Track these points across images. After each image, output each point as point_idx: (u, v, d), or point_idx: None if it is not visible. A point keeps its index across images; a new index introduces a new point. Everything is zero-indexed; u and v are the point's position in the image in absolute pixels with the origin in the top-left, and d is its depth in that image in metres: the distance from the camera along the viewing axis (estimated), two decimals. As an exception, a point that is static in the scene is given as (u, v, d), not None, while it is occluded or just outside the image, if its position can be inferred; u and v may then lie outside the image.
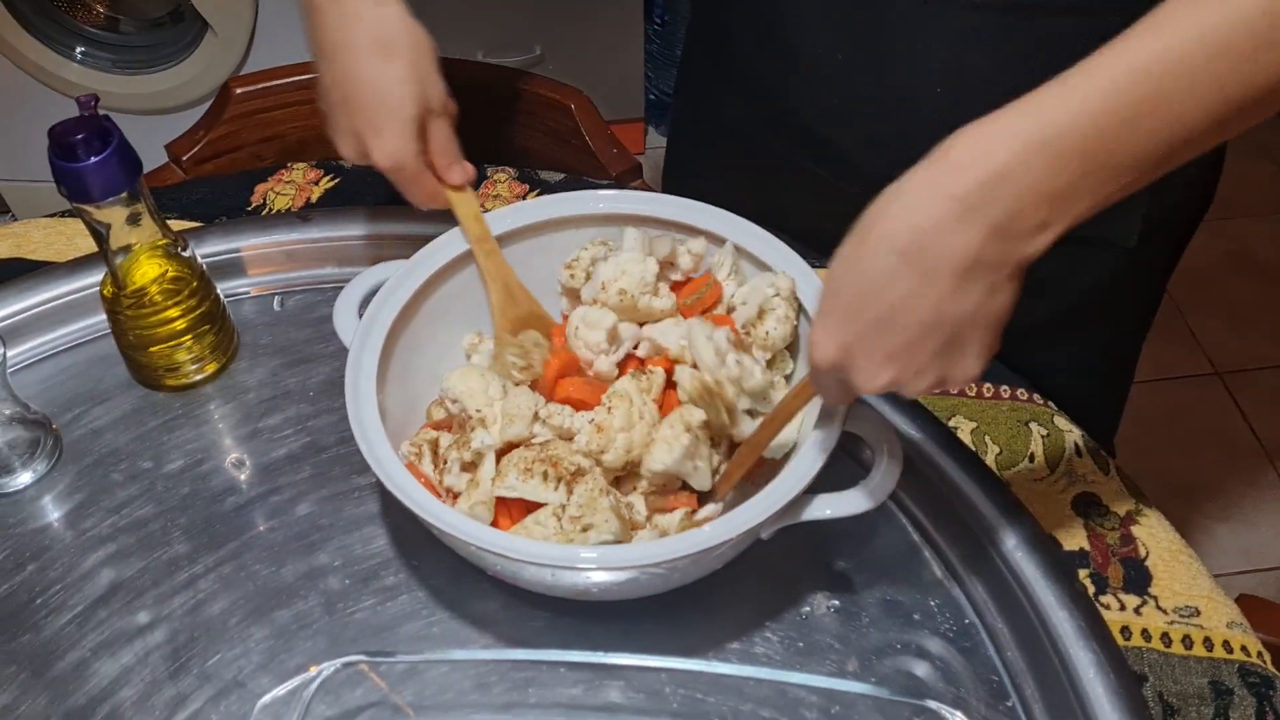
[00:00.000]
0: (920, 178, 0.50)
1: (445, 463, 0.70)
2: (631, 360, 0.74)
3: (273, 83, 1.14)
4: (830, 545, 0.74)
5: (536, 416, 0.70)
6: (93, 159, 0.71)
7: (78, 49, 1.94)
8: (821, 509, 0.65)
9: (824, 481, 0.63)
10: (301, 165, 1.03)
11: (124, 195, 0.74)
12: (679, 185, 0.79)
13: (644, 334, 0.74)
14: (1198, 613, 0.71)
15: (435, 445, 0.72)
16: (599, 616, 0.71)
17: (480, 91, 1.06)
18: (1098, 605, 0.70)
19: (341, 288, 0.75)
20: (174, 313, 0.81)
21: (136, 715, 0.67)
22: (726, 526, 0.61)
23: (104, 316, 0.82)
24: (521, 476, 0.66)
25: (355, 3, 0.71)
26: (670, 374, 0.71)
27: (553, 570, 0.62)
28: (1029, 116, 0.48)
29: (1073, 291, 0.88)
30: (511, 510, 0.68)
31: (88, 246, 0.93)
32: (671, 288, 0.77)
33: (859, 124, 0.84)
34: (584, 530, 0.65)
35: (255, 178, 1.02)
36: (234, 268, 0.93)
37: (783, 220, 0.77)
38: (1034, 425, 0.80)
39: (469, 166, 0.77)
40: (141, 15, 1.97)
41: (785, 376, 0.74)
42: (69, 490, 0.79)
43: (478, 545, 0.61)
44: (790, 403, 0.65)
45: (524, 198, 0.78)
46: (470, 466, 0.69)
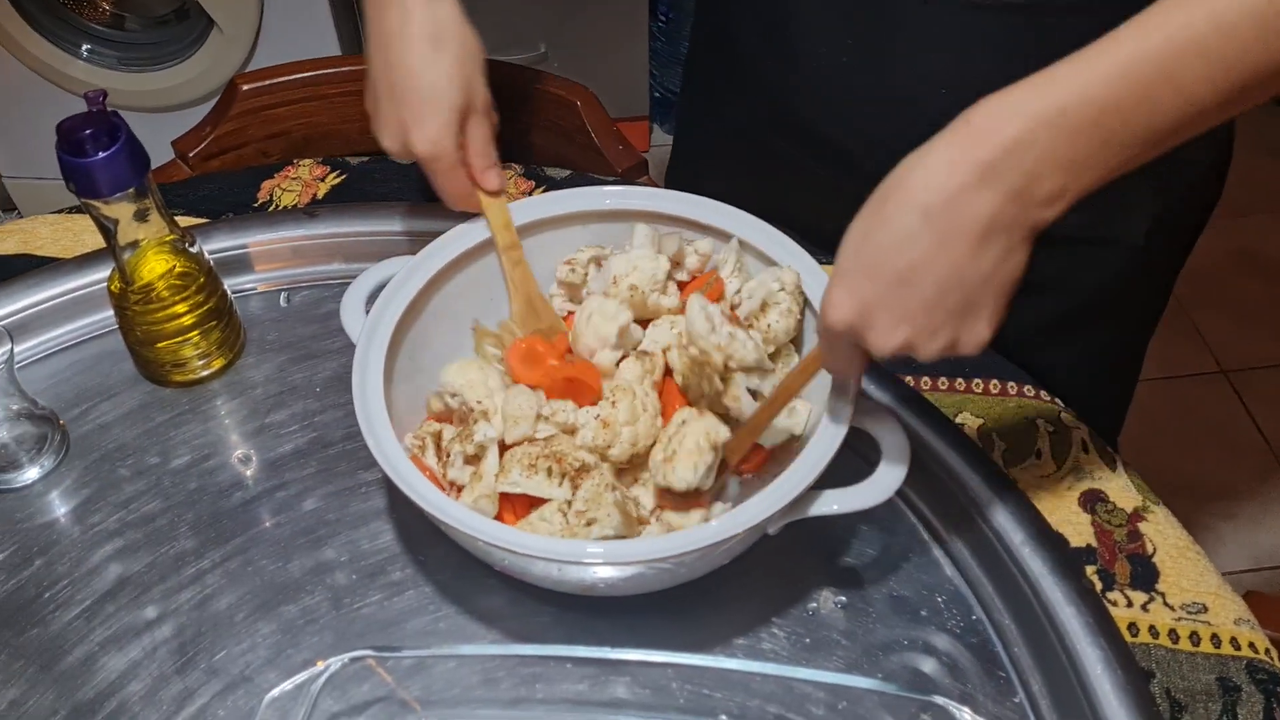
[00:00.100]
0: (942, 145, 0.52)
1: (449, 456, 0.70)
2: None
3: (279, 79, 1.14)
4: (837, 541, 0.74)
5: (539, 416, 0.70)
6: (101, 154, 0.71)
7: (84, 46, 1.95)
8: (829, 504, 0.65)
9: (831, 477, 0.63)
10: (308, 161, 1.03)
11: (132, 191, 0.74)
12: (684, 184, 0.80)
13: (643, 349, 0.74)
14: (1205, 609, 0.71)
15: (438, 437, 0.71)
16: (605, 612, 0.71)
17: (486, 88, 1.05)
18: (1105, 602, 0.70)
19: (348, 283, 0.75)
20: (181, 308, 0.81)
21: (144, 710, 0.68)
22: (733, 522, 0.61)
23: (111, 312, 0.83)
24: (525, 472, 0.66)
25: None
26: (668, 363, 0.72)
27: (559, 565, 0.63)
28: (1045, 90, 0.50)
29: (1080, 290, 0.88)
30: (515, 505, 0.68)
31: (95, 242, 0.93)
32: (679, 285, 0.78)
33: (862, 124, 0.84)
34: (588, 525, 0.65)
35: (262, 174, 1.02)
36: (241, 263, 0.93)
37: (786, 219, 0.77)
38: (1041, 422, 0.80)
39: (504, 174, 0.77)
40: (147, 13, 1.97)
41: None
42: (76, 486, 0.79)
43: (485, 540, 0.61)
44: (794, 379, 0.66)
45: (530, 194, 0.78)
46: (473, 460, 0.69)
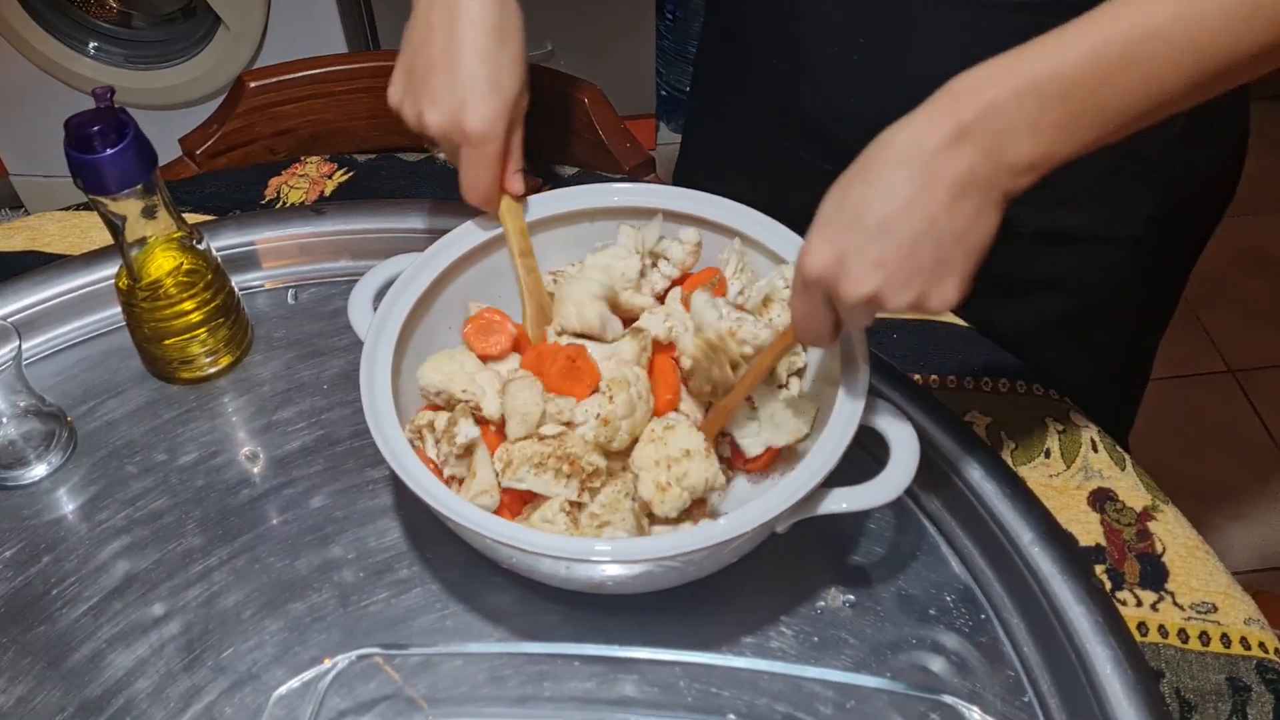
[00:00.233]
0: (924, 109, 0.55)
1: (441, 455, 0.70)
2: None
3: (286, 76, 1.14)
4: (846, 540, 0.74)
5: (544, 414, 0.69)
6: (109, 151, 0.71)
7: (91, 44, 1.95)
8: (837, 503, 0.64)
9: (840, 476, 0.63)
10: (315, 159, 1.03)
11: (140, 187, 0.74)
12: (692, 181, 0.79)
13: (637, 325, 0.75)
14: (1215, 609, 0.71)
15: (433, 427, 0.71)
16: (613, 610, 0.71)
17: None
18: (1114, 601, 0.70)
19: (356, 281, 0.75)
20: (189, 305, 0.81)
21: (151, 707, 0.68)
22: (742, 520, 0.61)
23: (119, 309, 0.83)
24: (534, 470, 0.66)
25: None
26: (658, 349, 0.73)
27: (568, 563, 0.62)
28: (1021, 62, 0.53)
29: (1088, 288, 0.88)
30: (512, 501, 0.68)
31: (102, 239, 0.93)
32: (674, 282, 0.77)
33: (870, 122, 0.83)
34: (600, 527, 0.65)
35: (269, 171, 1.02)
36: (248, 261, 0.93)
37: (795, 217, 0.77)
38: (1050, 421, 0.80)
39: (525, 182, 0.77)
40: (154, 10, 1.97)
41: (797, 372, 0.74)
42: (84, 483, 0.79)
43: (493, 538, 0.61)
44: (767, 355, 0.67)
45: (537, 192, 0.78)
46: (466, 454, 0.69)
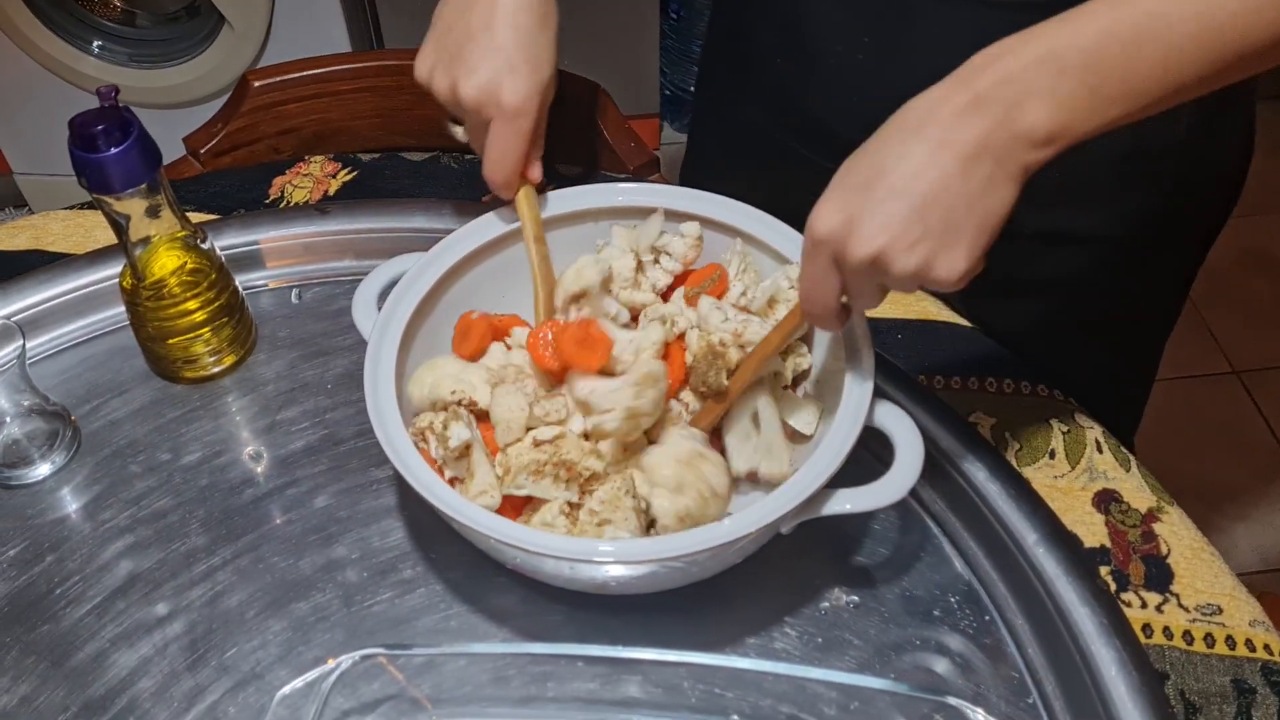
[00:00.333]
0: (942, 82, 0.55)
1: (440, 457, 0.70)
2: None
3: (290, 76, 1.14)
4: (850, 540, 0.74)
5: (532, 412, 0.69)
6: (113, 150, 0.71)
7: (94, 43, 1.95)
8: (842, 504, 0.64)
9: (844, 476, 0.63)
10: (319, 158, 1.03)
11: (144, 186, 0.74)
12: (698, 181, 0.80)
13: (664, 311, 0.75)
14: (1220, 611, 0.70)
15: (434, 428, 0.71)
16: (617, 611, 0.71)
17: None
18: (1119, 602, 0.70)
19: (360, 280, 0.75)
20: (193, 305, 0.81)
21: (155, 706, 0.68)
22: (746, 520, 0.61)
23: (123, 308, 0.83)
24: (532, 478, 0.66)
25: None
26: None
27: (571, 564, 0.62)
28: (1040, 34, 0.54)
29: (1090, 290, 0.88)
30: (515, 501, 0.68)
31: (106, 238, 0.93)
32: (676, 279, 0.77)
33: (874, 123, 0.83)
34: (600, 525, 0.65)
35: (273, 170, 1.02)
36: (252, 260, 0.93)
37: (801, 217, 0.76)
38: (1055, 421, 0.80)
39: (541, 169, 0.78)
40: (158, 9, 1.98)
41: (803, 373, 0.74)
42: (87, 482, 0.79)
43: (497, 539, 0.61)
44: (773, 335, 0.68)
45: (542, 192, 0.78)
46: (463, 455, 0.69)
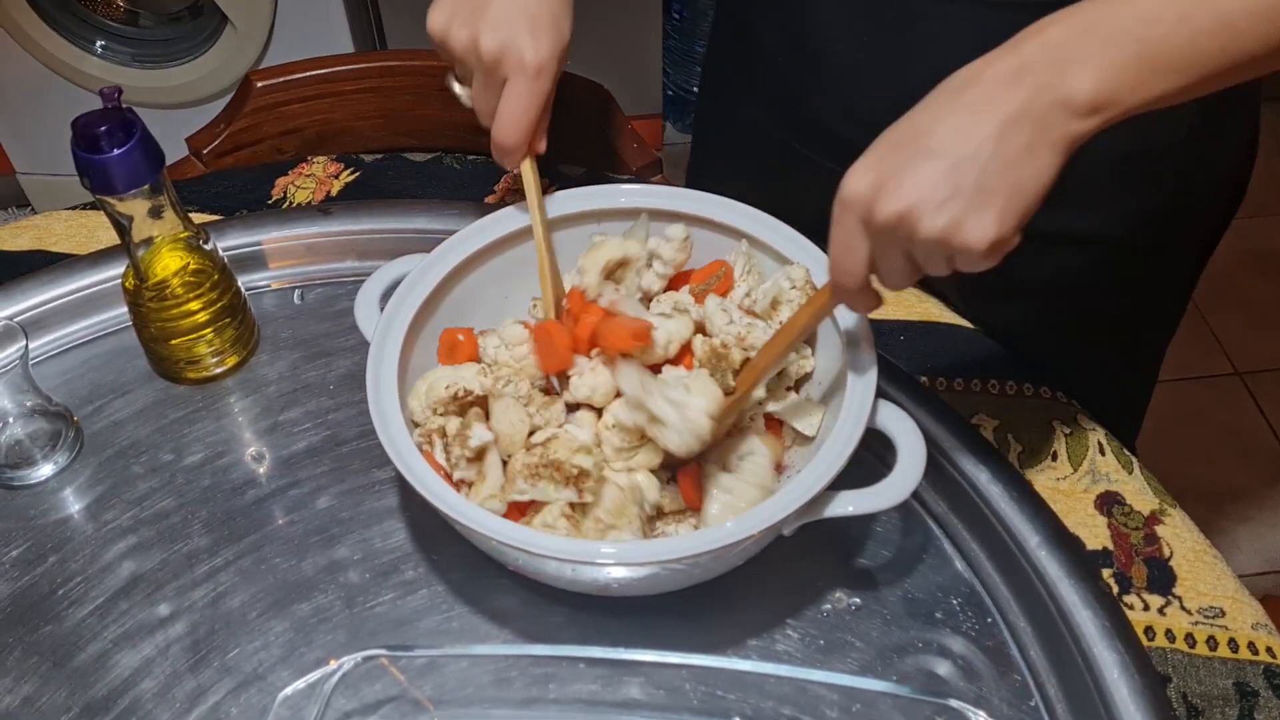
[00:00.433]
0: (988, 52, 0.54)
1: (451, 457, 0.70)
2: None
3: (293, 76, 1.14)
4: (852, 542, 0.74)
5: (533, 429, 0.70)
6: (116, 151, 0.71)
7: (98, 43, 1.95)
8: (844, 506, 0.64)
9: (847, 478, 0.63)
10: (322, 159, 1.03)
11: (147, 187, 0.74)
12: (705, 182, 0.79)
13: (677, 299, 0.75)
14: (1222, 613, 0.70)
15: (443, 432, 0.71)
16: (619, 612, 0.71)
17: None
18: (1121, 605, 0.70)
19: (362, 281, 0.75)
20: (195, 305, 0.81)
21: (157, 707, 0.68)
22: (748, 522, 0.61)
23: (125, 309, 0.83)
24: (530, 481, 0.66)
25: None
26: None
27: (573, 566, 0.62)
28: (1090, 3, 0.53)
29: (1092, 292, 0.88)
30: (519, 504, 0.68)
31: (109, 239, 0.93)
32: (671, 281, 0.77)
33: (878, 123, 0.83)
34: (606, 530, 0.65)
35: (276, 171, 1.02)
36: (255, 261, 0.93)
37: (805, 218, 0.77)
38: (1057, 423, 0.80)
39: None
40: (161, 9, 1.98)
41: (806, 375, 0.74)
42: (90, 482, 0.79)
43: (499, 540, 0.61)
44: (803, 314, 0.66)
45: (545, 192, 0.78)
46: (476, 459, 0.69)
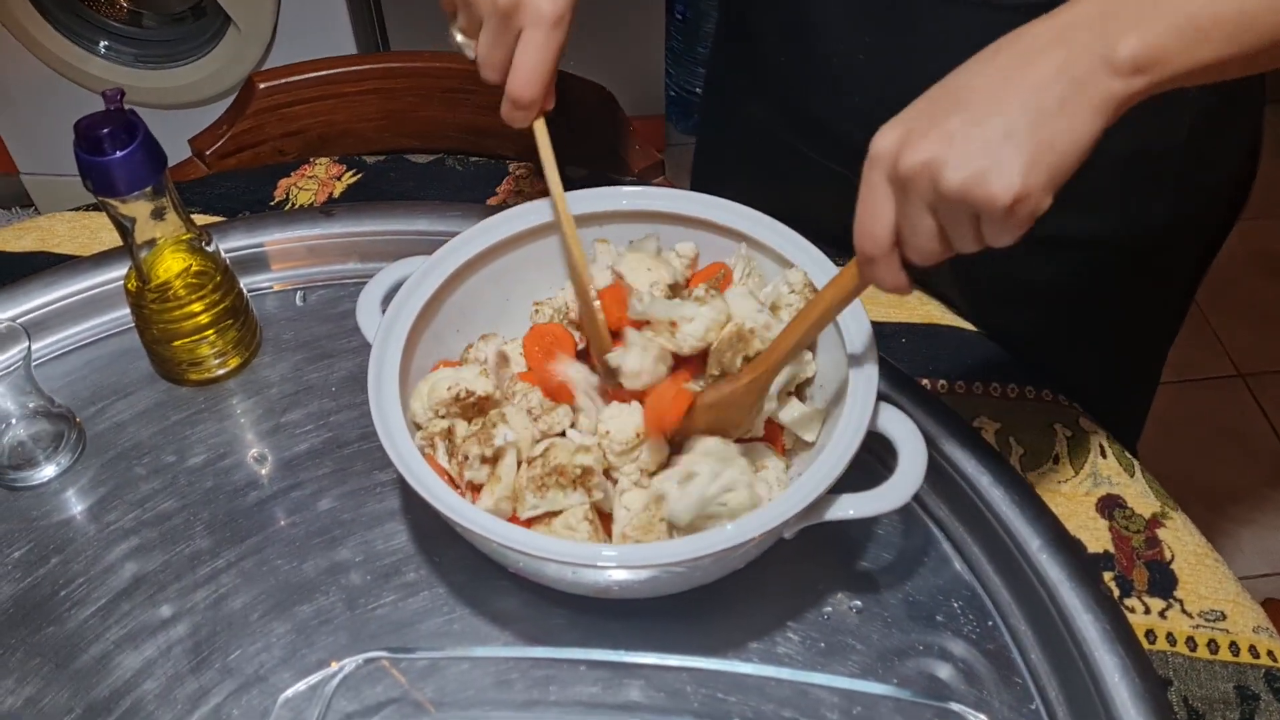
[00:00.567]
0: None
1: (465, 457, 0.70)
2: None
3: (296, 77, 1.14)
4: (853, 545, 0.74)
5: (536, 437, 0.70)
6: (119, 153, 0.71)
7: (101, 43, 1.95)
8: (845, 509, 0.64)
9: (848, 481, 0.63)
10: (324, 160, 1.04)
11: (149, 189, 0.74)
12: (709, 183, 0.79)
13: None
14: (1224, 617, 0.70)
15: (447, 435, 0.71)
16: (620, 615, 0.71)
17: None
18: (1122, 608, 0.70)
19: (364, 283, 0.75)
20: (198, 307, 0.81)
21: (158, 708, 0.68)
22: (749, 526, 0.61)
23: (128, 310, 0.83)
24: (538, 494, 0.66)
25: None
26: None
27: (574, 568, 0.62)
28: None
29: (1094, 294, 0.88)
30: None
31: (112, 240, 0.94)
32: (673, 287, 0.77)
33: (879, 124, 0.83)
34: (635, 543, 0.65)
35: (278, 172, 1.02)
36: (257, 262, 0.93)
37: (808, 219, 0.77)
38: (1058, 426, 0.80)
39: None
40: (164, 10, 1.98)
41: (808, 379, 0.74)
42: (92, 484, 0.79)
43: (500, 542, 0.61)
44: (828, 291, 0.63)
45: (547, 194, 0.78)
46: (491, 460, 0.69)
